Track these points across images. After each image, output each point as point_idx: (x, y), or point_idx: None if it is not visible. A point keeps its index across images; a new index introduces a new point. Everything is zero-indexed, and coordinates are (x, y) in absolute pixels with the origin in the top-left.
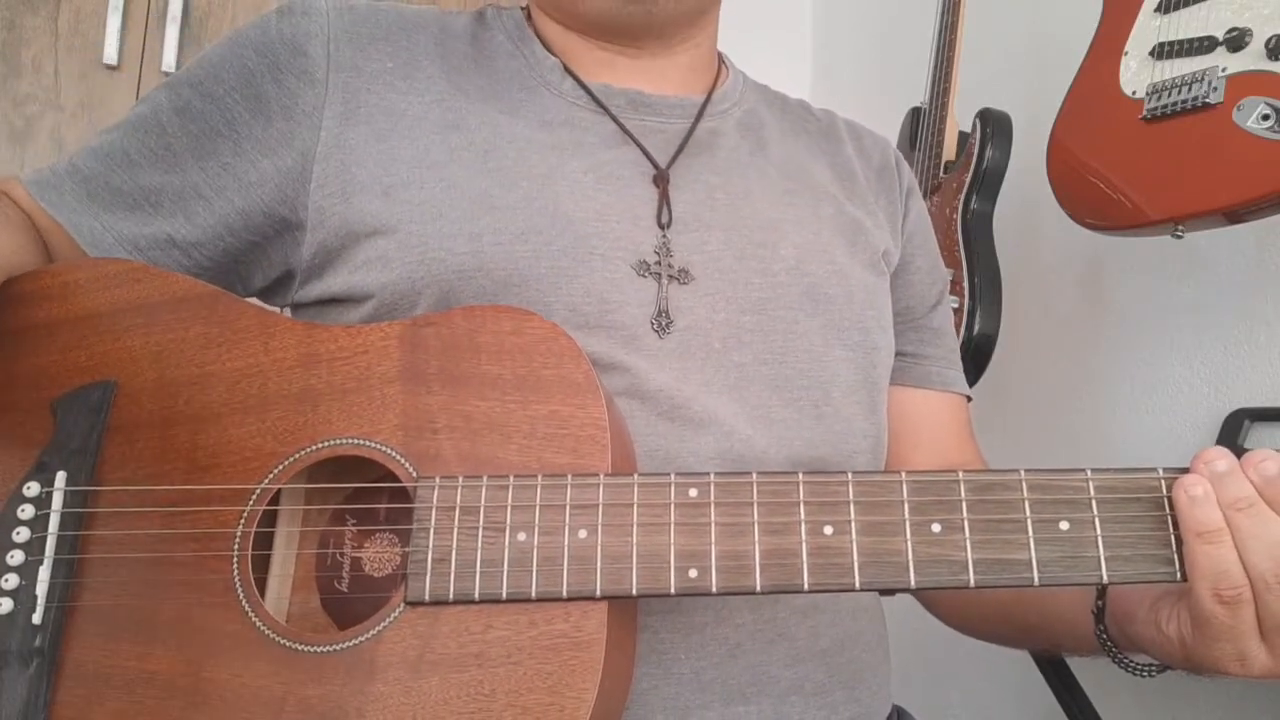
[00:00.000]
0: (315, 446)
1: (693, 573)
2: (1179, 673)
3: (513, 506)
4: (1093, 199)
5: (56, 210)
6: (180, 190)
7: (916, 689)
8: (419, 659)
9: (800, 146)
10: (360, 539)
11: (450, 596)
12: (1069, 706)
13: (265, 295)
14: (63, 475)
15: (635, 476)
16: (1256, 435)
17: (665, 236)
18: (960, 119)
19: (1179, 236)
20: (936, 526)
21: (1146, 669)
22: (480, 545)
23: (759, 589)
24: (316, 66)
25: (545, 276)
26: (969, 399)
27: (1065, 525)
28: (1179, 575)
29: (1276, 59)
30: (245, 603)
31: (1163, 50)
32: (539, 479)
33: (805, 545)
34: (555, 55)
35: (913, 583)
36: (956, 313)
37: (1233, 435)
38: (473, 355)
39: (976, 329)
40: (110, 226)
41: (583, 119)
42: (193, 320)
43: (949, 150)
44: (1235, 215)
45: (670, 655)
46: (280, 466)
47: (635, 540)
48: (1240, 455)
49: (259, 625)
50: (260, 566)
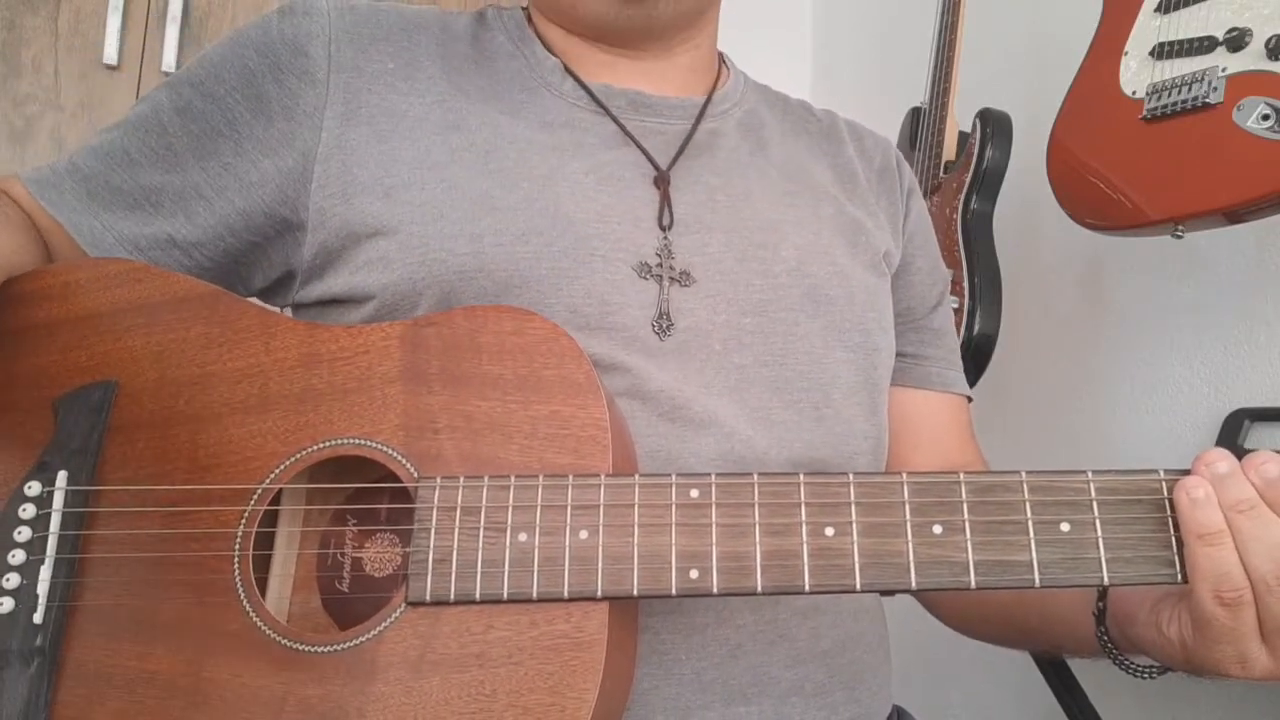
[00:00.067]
0: (316, 446)
1: (694, 573)
2: (1180, 674)
3: (514, 507)
4: (1093, 199)
5: (56, 210)
6: (181, 190)
7: (917, 689)
8: (420, 659)
9: (801, 147)
10: (361, 539)
11: (451, 597)
12: (1069, 707)
13: (265, 295)
14: (64, 475)
15: (636, 477)
16: (1256, 435)
17: (667, 238)
18: (960, 119)
19: (1179, 236)
20: (937, 528)
21: (1147, 671)
22: (481, 545)
23: (760, 590)
24: (318, 67)
25: (546, 278)
26: (970, 399)
27: (1066, 527)
28: (1180, 577)
29: (1276, 59)
30: (246, 602)
31: (1163, 50)
32: (540, 479)
33: (806, 546)
34: (556, 56)
35: (914, 584)
36: (956, 313)
37: (1233, 435)
38: (474, 355)
39: (976, 329)
40: (110, 226)
41: (583, 120)
42: (194, 320)
43: (949, 150)
44: (1235, 215)
45: (671, 656)
46: (281, 466)
47: (636, 541)
48: (1241, 456)
49: (260, 625)
50: (261, 566)
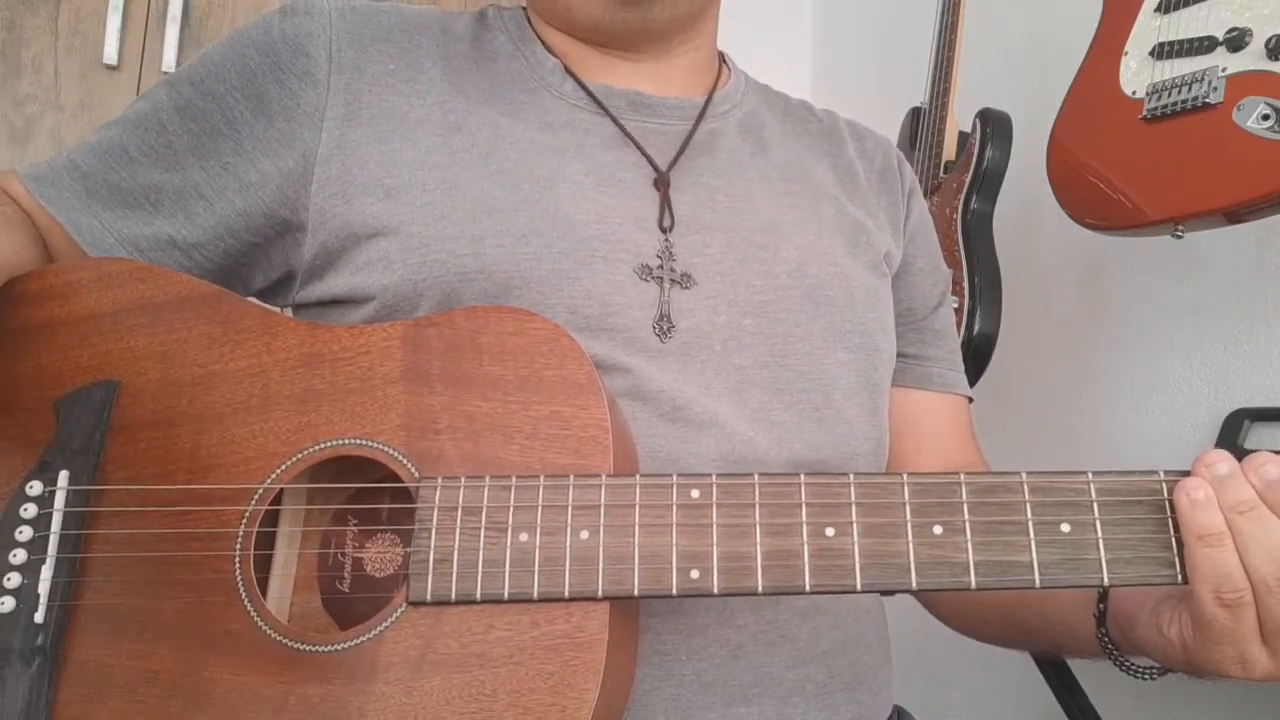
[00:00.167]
0: (317, 446)
1: (694, 573)
2: (1180, 675)
3: (515, 507)
4: (1093, 199)
5: (55, 208)
6: (180, 189)
7: (917, 690)
8: (421, 659)
9: (802, 148)
10: (362, 539)
11: (452, 597)
12: (1069, 707)
13: (265, 296)
14: (65, 474)
15: (637, 477)
16: (1256, 435)
17: (668, 240)
18: (960, 119)
19: (1179, 236)
20: (938, 528)
21: (1148, 672)
22: (482, 545)
23: (761, 590)
24: (318, 67)
25: (546, 279)
26: (970, 400)
27: (1066, 527)
28: (1180, 578)
29: (1276, 59)
30: (247, 602)
31: (1163, 50)
32: (541, 479)
33: (807, 546)
34: (556, 57)
35: (914, 584)
36: (956, 313)
37: (1233, 435)
38: (475, 356)
39: (976, 329)
40: (110, 226)
41: (584, 121)
42: (196, 320)
43: (949, 150)
44: (1235, 215)
45: (672, 656)
46: (283, 466)
47: (637, 541)
48: (1241, 456)
49: (261, 625)
50: (262, 566)
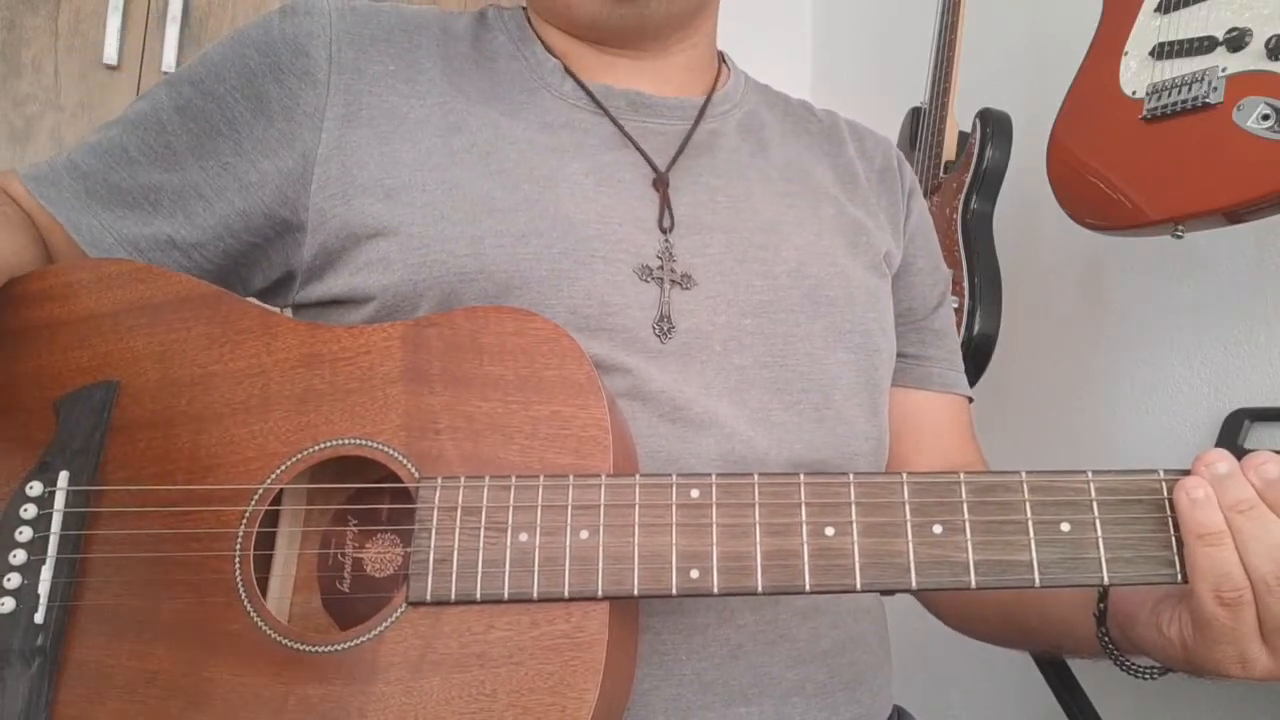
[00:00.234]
0: (317, 446)
1: (694, 573)
2: (1180, 674)
3: (515, 507)
4: (1093, 199)
5: (55, 208)
6: (180, 189)
7: (917, 689)
8: (421, 659)
9: (801, 147)
10: (362, 539)
11: (452, 597)
12: (1069, 707)
13: (265, 296)
14: (65, 475)
15: (637, 477)
16: (1256, 435)
17: (668, 241)
18: (960, 119)
19: (1179, 236)
20: (938, 528)
21: (1148, 671)
22: (482, 545)
23: (760, 590)
24: (318, 68)
25: (546, 279)
26: (970, 400)
27: (1066, 527)
28: (1180, 577)
29: (1276, 59)
30: (247, 602)
31: (1163, 50)
32: (541, 479)
33: (806, 546)
34: (556, 57)
35: (914, 584)
36: (956, 313)
37: (1233, 435)
38: (475, 356)
39: (976, 329)
40: (110, 226)
41: (583, 121)
42: (195, 320)
43: (949, 150)
44: (1235, 215)
45: (672, 656)
46: (283, 467)
47: (637, 541)
48: (1241, 456)
49: (261, 625)
50: (262, 566)
